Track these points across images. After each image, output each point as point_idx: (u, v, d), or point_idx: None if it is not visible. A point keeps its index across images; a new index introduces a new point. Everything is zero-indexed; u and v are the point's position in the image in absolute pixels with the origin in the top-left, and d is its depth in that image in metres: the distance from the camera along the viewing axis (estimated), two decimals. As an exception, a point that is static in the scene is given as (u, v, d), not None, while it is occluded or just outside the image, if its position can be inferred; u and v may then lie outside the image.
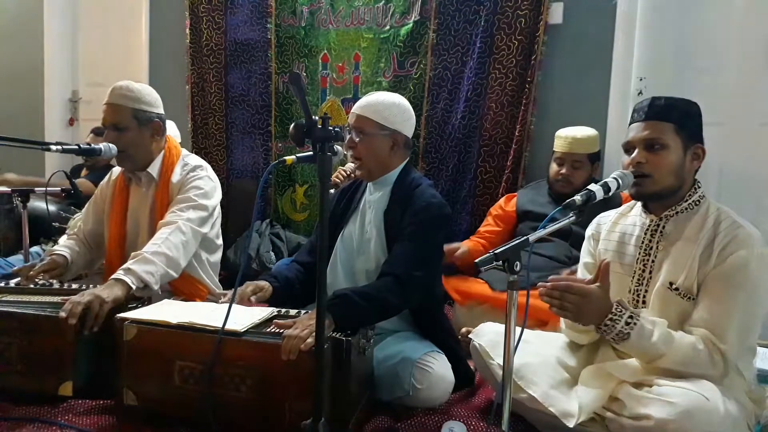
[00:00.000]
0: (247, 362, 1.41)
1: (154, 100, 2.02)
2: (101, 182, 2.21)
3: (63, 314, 1.54)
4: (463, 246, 2.47)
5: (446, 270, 2.28)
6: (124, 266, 1.74)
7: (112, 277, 1.71)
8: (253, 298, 1.68)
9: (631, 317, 1.32)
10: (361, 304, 1.49)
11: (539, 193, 2.61)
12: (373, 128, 1.75)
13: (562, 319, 1.63)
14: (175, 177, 2.01)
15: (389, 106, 1.77)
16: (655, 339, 1.31)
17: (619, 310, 1.33)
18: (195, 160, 2.11)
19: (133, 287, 1.71)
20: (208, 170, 2.07)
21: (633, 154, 1.45)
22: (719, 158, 2.63)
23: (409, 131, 1.83)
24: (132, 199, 2.07)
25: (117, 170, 2.16)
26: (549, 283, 1.35)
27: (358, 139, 1.76)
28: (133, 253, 1.81)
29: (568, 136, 2.50)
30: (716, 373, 1.32)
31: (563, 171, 2.47)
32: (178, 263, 1.85)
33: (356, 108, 1.79)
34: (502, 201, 2.71)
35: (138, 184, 2.07)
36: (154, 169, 2.02)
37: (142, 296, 1.76)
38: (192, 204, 1.94)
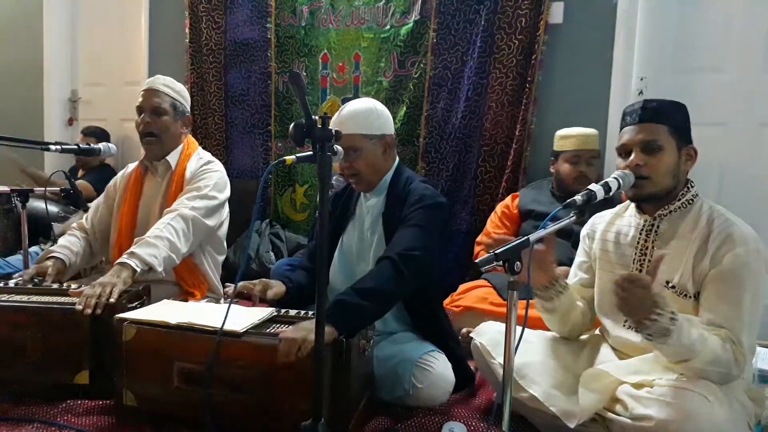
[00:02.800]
0: (246, 363, 1.41)
1: (188, 98, 2.16)
2: (116, 176, 2.26)
3: (79, 307, 1.58)
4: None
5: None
6: (128, 251, 1.80)
7: (117, 261, 1.77)
8: (269, 293, 1.66)
9: (673, 313, 1.26)
10: (360, 305, 1.46)
11: (541, 192, 2.61)
12: (363, 141, 1.72)
13: (536, 306, 1.59)
14: (190, 168, 2.08)
15: (368, 113, 1.74)
16: (693, 338, 1.27)
17: (664, 305, 1.26)
18: (208, 156, 2.18)
19: (138, 270, 1.76)
20: (218, 166, 2.14)
21: (631, 157, 1.45)
22: (719, 158, 2.63)
23: (392, 129, 1.81)
24: (146, 189, 2.13)
25: (132, 165, 2.22)
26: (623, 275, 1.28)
27: (352, 158, 1.72)
28: (136, 239, 1.87)
29: (579, 134, 2.49)
30: (737, 373, 1.31)
31: (581, 169, 2.45)
32: (179, 248, 1.89)
33: (336, 127, 1.70)
34: (507, 200, 2.70)
35: (154, 173, 2.13)
36: (173, 158, 2.09)
37: (148, 279, 1.81)
38: (199, 194, 1.99)
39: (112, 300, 1.62)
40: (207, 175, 2.05)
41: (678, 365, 1.33)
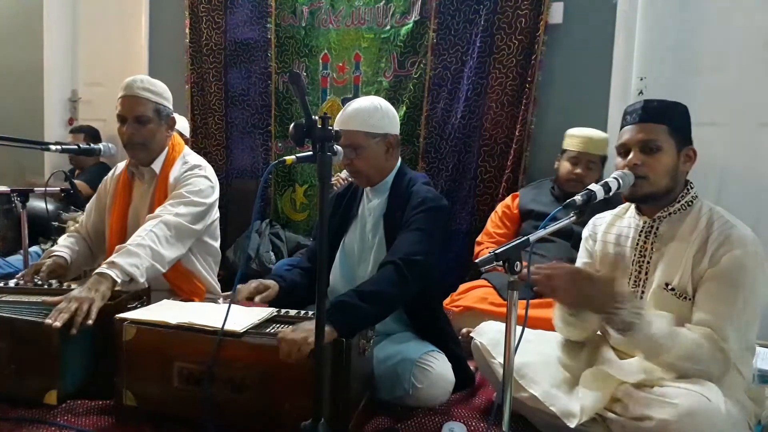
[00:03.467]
0: (246, 363, 1.41)
1: (169, 95, 2.05)
2: (105, 177, 2.21)
3: (48, 321, 1.48)
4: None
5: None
6: (108, 260, 1.70)
7: (96, 271, 1.66)
8: (257, 298, 1.67)
9: (639, 308, 1.31)
10: (361, 307, 1.45)
11: (542, 192, 2.60)
12: (365, 139, 1.71)
13: (555, 315, 1.62)
14: (174, 174, 2.00)
15: (372, 112, 1.73)
16: (661, 333, 1.30)
17: (626, 300, 1.31)
18: (195, 158, 2.09)
19: (119, 280, 1.65)
20: (206, 170, 2.04)
21: (629, 156, 1.45)
22: (719, 158, 2.62)
23: (397, 129, 1.80)
24: (135, 195, 2.08)
25: (121, 165, 2.15)
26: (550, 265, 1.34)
27: (353, 156, 1.71)
28: (117, 246, 1.77)
29: (584, 135, 2.49)
30: (718, 370, 1.31)
31: (578, 171, 2.46)
32: (163, 256, 1.80)
33: (340, 125, 1.71)
34: (508, 200, 2.70)
35: (141, 179, 2.07)
36: (157, 164, 2.02)
37: (129, 290, 1.73)
38: (184, 200, 1.91)
39: (89, 322, 1.52)
40: (191, 181, 1.96)
41: (653, 362, 1.35)
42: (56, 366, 1.56)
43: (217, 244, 2.16)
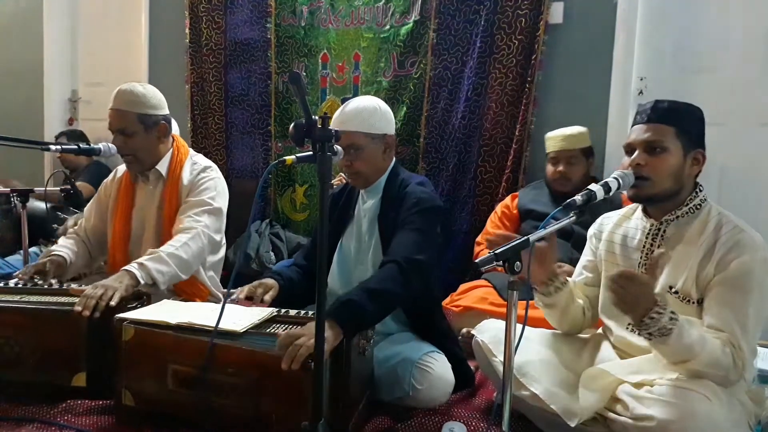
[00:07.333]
0: (239, 367, 1.39)
1: (158, 101, 2.01)
2: (105, 179, 2.21)
3: (78, 308, 1.56)
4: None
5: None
6: (139, 260, 1.77)
7: (124, 267, 1.74)
8: (267, 297, 1.67)
9: (673, 313, 1.27)
10: (367, 306, 1.44)
11: (541, 192, 2.61)
12: (365, 140, 1.71)
13: (537, 300, 1.60)
14: (185, 176, 2.02)
15: (372, 112, 1.72)
16: (693, 339, 1.27)
17: (664, 304, 1.28)
18: (203, 160, 2.11)
19: (142, 282, 1.73)
20: (217, 171, 2.08)
21: (633, 156, 1.45)
22: (720, 158, 2.62)
23: (393, 129, 1.80)
24: (138, 197, 2.08)
25: (122, 168, 2.16)
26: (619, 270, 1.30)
27: (354, 157, 1.71)
28: (149, 250, 1.84)
29: (558, 135, 2.55)
30: (736, 376, 1.31)
31: (560, 169, 2.51)
32: (191, 268, 1.89)
33: (338, 125, 1.68)
34: (507, 200, 2.70)
35: (145, 182, 2.08)
36: (162, 167, 2.03)
37: (147, 293, 1.78)
38: (207, 208, 1.96)
39: (112, 303, 1.60)
40: (208, 185, 2.00)
41: (677, 366, 1.33)
42: (84, 349, 1.61)
43: (223, 240, 2.17)
